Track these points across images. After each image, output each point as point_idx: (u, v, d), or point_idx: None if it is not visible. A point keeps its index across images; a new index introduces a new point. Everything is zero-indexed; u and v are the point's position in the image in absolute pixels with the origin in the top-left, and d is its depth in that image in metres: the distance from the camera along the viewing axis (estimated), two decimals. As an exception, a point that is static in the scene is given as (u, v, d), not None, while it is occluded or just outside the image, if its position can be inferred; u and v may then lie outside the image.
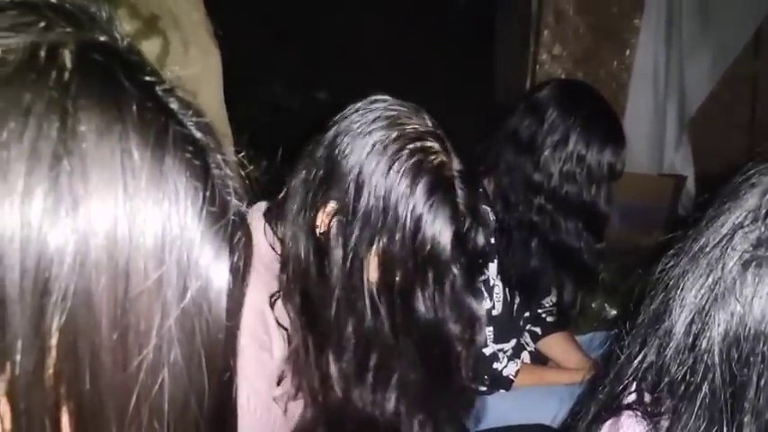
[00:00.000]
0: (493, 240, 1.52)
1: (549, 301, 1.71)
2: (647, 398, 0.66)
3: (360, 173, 0.92)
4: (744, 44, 2.85)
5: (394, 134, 0.93)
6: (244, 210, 0.40)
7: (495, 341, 1.54)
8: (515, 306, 1.63)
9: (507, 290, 1.58)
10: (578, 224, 1.48)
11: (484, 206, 1.51)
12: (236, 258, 0.38)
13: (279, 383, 1.00)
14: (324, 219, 0.94)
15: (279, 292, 0.99)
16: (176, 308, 0.35)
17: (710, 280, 0.59)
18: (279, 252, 1.00)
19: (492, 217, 1.53)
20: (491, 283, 1.53)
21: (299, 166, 1.00)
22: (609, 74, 3.05)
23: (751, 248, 0.57)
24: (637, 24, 2.94)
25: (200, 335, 0.36)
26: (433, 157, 0.94)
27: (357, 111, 0.97)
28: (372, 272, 0.94)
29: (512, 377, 1.52)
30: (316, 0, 3.94)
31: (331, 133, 0.97)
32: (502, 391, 1.53)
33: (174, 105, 0.37)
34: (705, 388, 0.58)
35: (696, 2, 2.84)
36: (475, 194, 0.99)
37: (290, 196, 0.99)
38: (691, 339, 0.59)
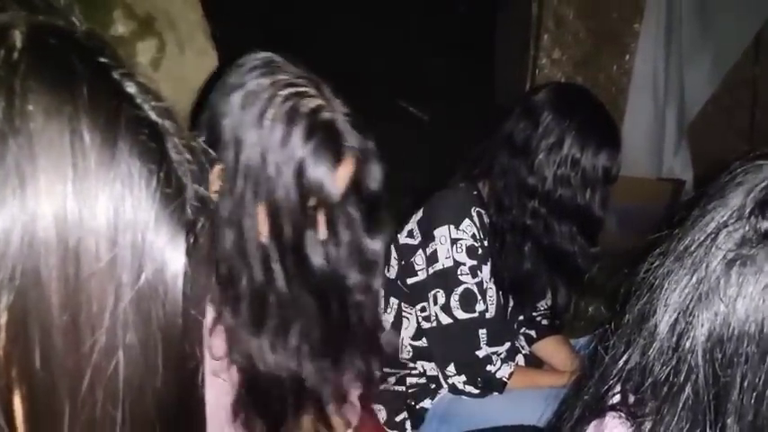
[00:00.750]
0: (487, 243, 1.52)
1: (543, 304, 1.71)
2: (632, 399, 0.65)
3: (235, 127, 0.91)
4: (743, 49, 2.85)
5: (266, 82, 0.92)
6: (205, 194, 0.39)
7: (489, 344, 1.53)
8: (509, 309, 1.63)
9: (501, 293, 1.57)
10: (572, 228, 1.47)
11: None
12: (192, 241, 0.38)
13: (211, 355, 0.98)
14: (213, 180, 0.92)
15: None
16: (131, 290, 0.34)
17: (695, 279, 0.58)
18: None
19: (486, 220, 1.53)
20: (484, 286, 1.52)
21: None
22: (608, 78, 3.05)
23: (735, 247, 0.56)
24: (636, 29, 2.94)
25: (157, 318, 0.36)
26: (307, 101, 0.92)
27: (233, 68, 0.96)
28: (262, 225, 0.92)
29: (505, 379, 1.51)
30: (315, 2, 3.95)
31: (212, 95, 0.95)
32: (495, 393, 1.52)
33: (131, 89, 0.37)
34: (688, 389, 0.57)
35: (696, 7, 2.83)
36: (364, 134, 0.96)
37: None
38: (675, 339, 0.59)
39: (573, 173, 1.43)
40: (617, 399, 0.67)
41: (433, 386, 1.57)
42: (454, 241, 1.47)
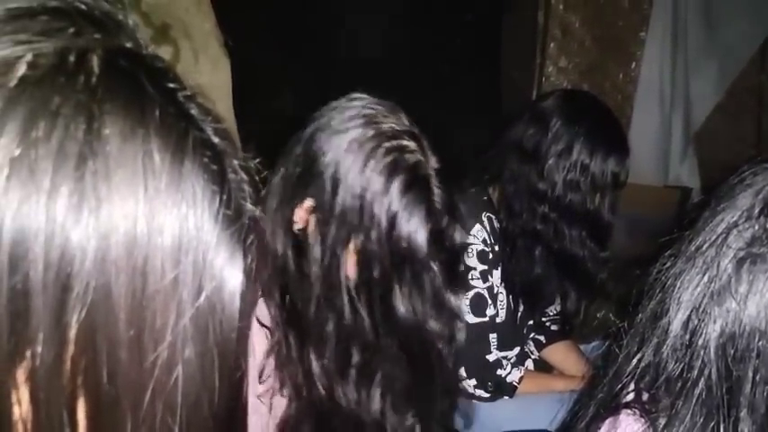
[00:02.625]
0: (498, 248, 1.53)
1: (552, 309, 1.72)
2: (645, 396, 0.67)
3: (336, 170, 0.92)
4: (750, 57, 2.86)
5: (370, 132, 0.93)
6: (257, 214, 0.41)
7: (499, 348, 1.54)
8: (519, 314, 1.64)
9: (511, 297, 1.59)
10: (582, 232, 1.49)
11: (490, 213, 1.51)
12: (249, 261, 0.39)
13: (261, 380, 1.00)
14: (301, 215, 0.95)
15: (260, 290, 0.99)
16: (191, 307, 0.36)
17: (706, 278, 0.59)
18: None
19: (497, 225, 1.54)
20: (495, 290, 1.54)
21: (278, 163, 1.00)
22: (615, 86, 3.06)
23: (745, 246, 0.58)
24: (642, 37, 2.96)
25: (214, 334, 0.37)
26: (408, 156, 0.94)
27: (335, 108, 0.97)
28: (351, 269, 0.94)
29: (515, 384, 1.52)
30: (325, 13, 3.98)
31: (309, 130, 0.97)
32: (506, 397, 1.53)
33: (194, 111, 0.38)
34: (702, 384, 0.58)
35: (702, 14, 2.85)
36: (452, 192, 0.98)
37: (270, 193, 0.99)
38: (688, 337, 0.60)
39: (582, 178, 1.45)
40: (631, 396, 0.68)
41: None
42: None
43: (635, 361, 0.66)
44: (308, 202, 0.95)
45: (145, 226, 0.34)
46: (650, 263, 0.69)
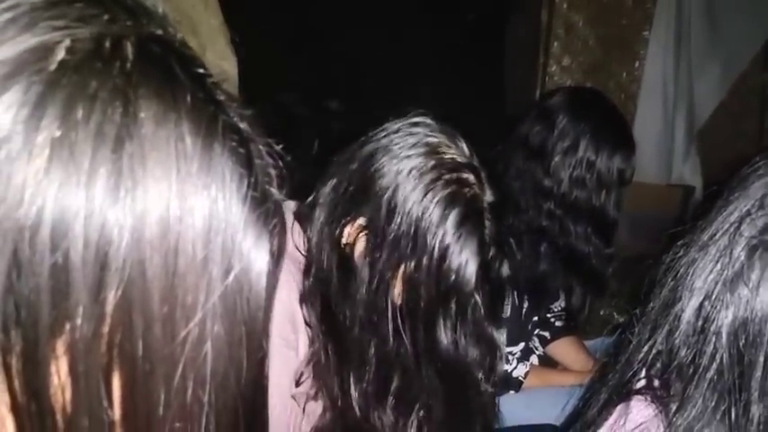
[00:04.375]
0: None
1: (557, 305, 1.73)
2: (657, 383, 0.68)
3: (394, 196, 0.92)
4: (753, 56, 2.87)
5: (432, 162, 0.93)
6: (280, 198, 0.42)
7: (505, 344, 1.55)
8: (524, 310, 1.65)
9: (516, 294, 1.60)
10: (587, 229, 1.50)
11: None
12: (274, 244, 0.40)
13: (297, 383, 1.00)
14: (351, 232, 0.95)
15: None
16: (220, 285, 0.37)
17: (719, 266, 0.61)
18: (304, 256, 1.00)
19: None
20: (501, 286, 1.55)
21: (330, 173, 1.00)
22: (618, 85, 3.07)
23: (758, 234, 0.59)
24: (646, 36, 2.97)
25: (242, 312, 0.38)
26: (467, 189, 0.94)
27: (397, 132, 0.97)
28: (397, 295, 0.94)
29: (521, 379, 1.53)
30: (328, 12, 3.99)
31: (368, 149, 0.97)
32: (511, 392, 1.55)
33: (221, 97, 0.39)
34: (713, 369, 0.59)
35: (705, 14, 2.86)
36: (501, 226, 0.99)
37: (320, 204, 0.99)
38: (700, 323, 0.61)
39: (588, 175, 1.46)
40: (642, 383, 0.70)
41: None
42: (471, 242, 1.50)
43: (646, 348, 0.68)
44: (360, 221, 0.94)
45: (177, 207, 0.35)
46: (662, 253, 0.70)
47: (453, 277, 0.92)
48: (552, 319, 1.75)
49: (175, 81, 0.36)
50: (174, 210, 0.35)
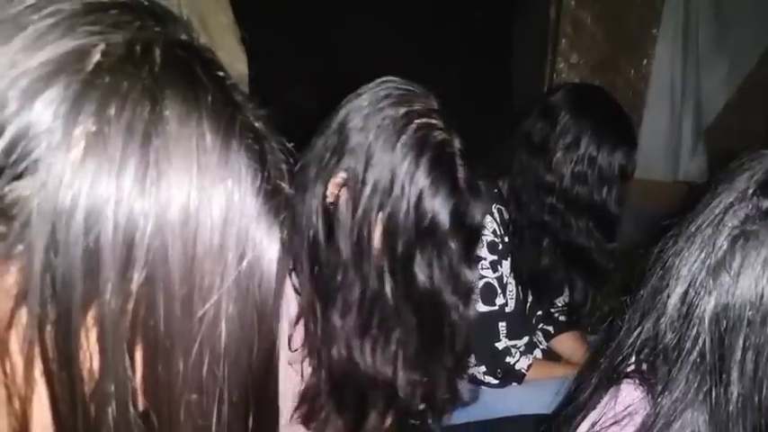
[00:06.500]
0: (507, 239, 1.57)
1: (561, 300, 1.75)
2: (644, 366, 0.71)
3: (369, 146, 0.97)
4: (760, 53, 2.87)
5: (402, 110, 0.98)
6: (290, 192, 0.45)
7: (508, 337, 1.58)
8: (528, 304, 1.68)
9: (520, 288, 1.62)
10: (589, 224, 1.52)
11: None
12: (284, 234, 0.44)
13: (290, 347, 1.05)
14: (333, 189, 0.99)
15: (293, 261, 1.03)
16: (235, 271, 0.40)
17: (704, 254, 0.63)
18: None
19: (506, 216, 1.58)
20: (504, 280, 1.57)
21: (312, 141, 1.05)
22: (626, 82, 3.07)
23: (739, 224, 0.62)
24: (654, 34, 2.97)
25: (253, 296, 0.42)
26: (436, 134, 0.98)
27: (367, 91, 1.02)
28: (376, 239, 0.98)
29: (524, 371, 1.56)
30: (337, 8, 4.02)
31: (343, 111, 1.02)
32: (514, 384, 1.57)
33: (239, 98, 0.43)
34: (696, 352, 0.62)
35: (712, 12, 2.86)
36: (473, 171, 1.03)
37: (304, 168, 1.03)
38: (685, 309, 0.64)
39: (590, 170, 1.48)
40: (632, 368, 0.72)
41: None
42: (475, 237, 1.52)
43: (636, 334, 0.70)
44: (341, 176, 0.99)
45: (197, 198, 0.38)
46: (653, 244, 0.72)
47: (429, 219, 0.96)
48: (556, 314, 1.77)
49: (198, 83, 0.40)
50: (194, 200, 0.38)
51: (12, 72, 0.36)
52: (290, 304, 1.05)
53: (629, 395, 0.71)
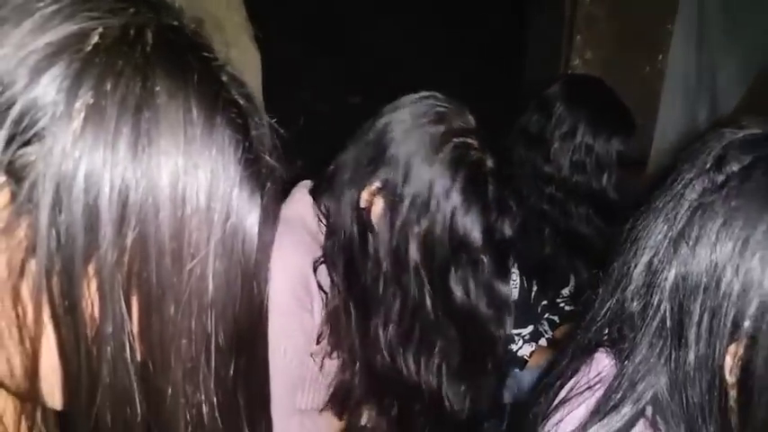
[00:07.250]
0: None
1: (567, 291, 1.78)
2: (616, 335, 0.74)
3: (408, 161, 1.01)
4: (775, 48, 2.85)
5: (442, 128, 1.02)
6: (273, 163, 0.50)
7: (512, 326, 1.60)
8: (533, 294, 1.70)
9: (524, 278, 1.65)
10: (589, 211, 1.55)
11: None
12: (265, 200, 0.48)
13: (318, 342, 1.10)
14: (367, 196, 1.03)
15: (321, 258, 1.08)
16: (220, 231, 0.45)
17: (666, 227, 0.67)
18: (324, 223, 1.10)
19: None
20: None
21: (348, 146, 1.09)
22: (641, 79, 3.07)
23: (698, 197, 0.65)
24: (669, 29, 2.96)
25: (237, 254, 0.46)
26: (472, 153, 1.03)
27: (409, 104, 1.06)
28: (413, 252, 1.02)
29: (526, 358, 1.59)
30: (351, 6, 4.06)
31: (383, 120, 1.06)
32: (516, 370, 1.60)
33: (224, 77, 0.47)
34: (658, 318, 0.66)
35: (726, 8, 2.85)
36: (503, 189, 1.07)
37: (339, 172, 1.08)
38: (649, 278, 0.68)
39: (588, 159, 1.51)
40: (605, 338, 0.76)
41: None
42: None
43: (608, 305, 0.74)
44: (376, 185, 1.03)
45: (184, 165, 0.43)
46: (630, 219, 0.76)
47: (461, 234, 1.00)
48: (561, 304, 1.79)
49: (186, 63, 0.45)
50: (181, 165, 0.43)
51: (21, 52, 0.41)
52: (315, 301, 1.09)
53: (602, 363, 0.74)
